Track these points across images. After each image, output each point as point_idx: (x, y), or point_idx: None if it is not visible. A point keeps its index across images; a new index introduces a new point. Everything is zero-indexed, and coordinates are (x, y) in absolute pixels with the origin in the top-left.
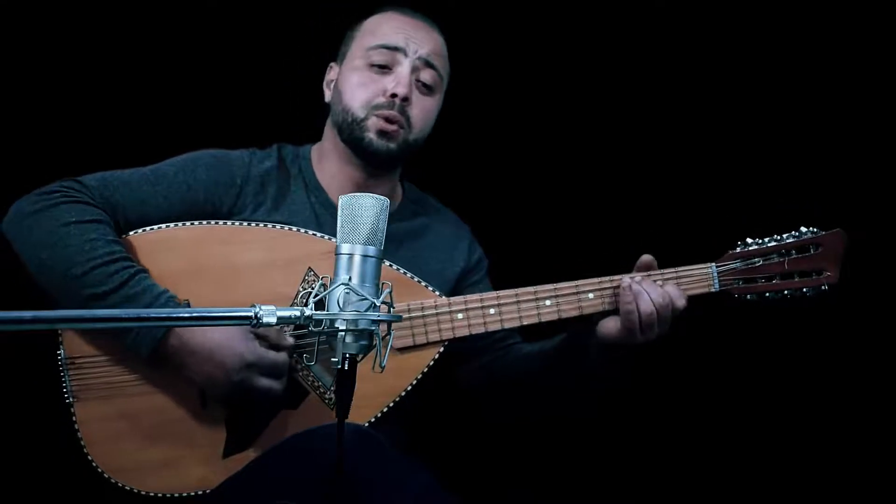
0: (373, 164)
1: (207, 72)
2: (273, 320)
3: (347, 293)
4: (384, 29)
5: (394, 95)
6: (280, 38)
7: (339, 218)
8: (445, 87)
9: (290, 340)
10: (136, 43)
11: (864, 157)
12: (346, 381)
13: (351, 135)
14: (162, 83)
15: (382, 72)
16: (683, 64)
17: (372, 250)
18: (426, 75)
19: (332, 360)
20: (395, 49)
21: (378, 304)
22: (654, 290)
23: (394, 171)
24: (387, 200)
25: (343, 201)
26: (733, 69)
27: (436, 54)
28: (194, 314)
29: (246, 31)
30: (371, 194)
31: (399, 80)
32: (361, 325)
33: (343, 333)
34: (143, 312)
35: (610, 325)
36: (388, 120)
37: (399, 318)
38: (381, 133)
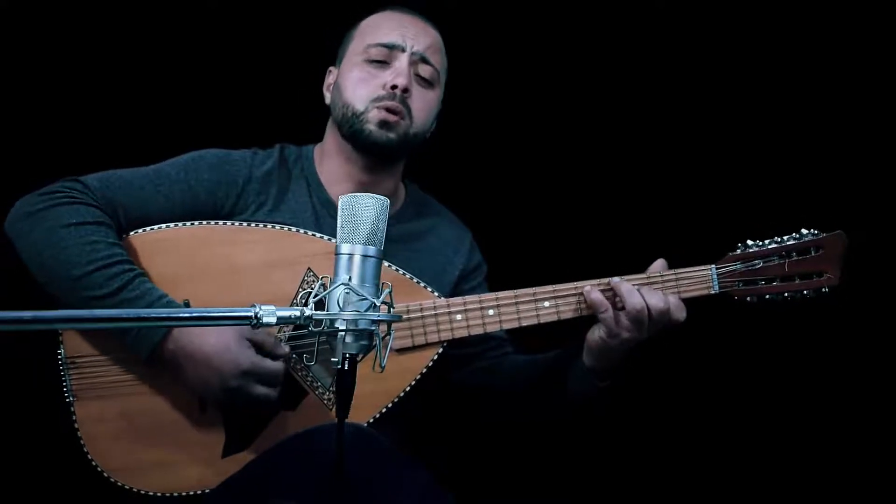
0: (373, 157)
1: (210, 71)
2: (273, 320)
3: (347, 293)
4: (382, 27)
5: (394, 87)
6: (283, 37)
7: (339, 218)
8: (444, 84)
9: (286, 349)
10: (139, 43)
11: (865, 159)
12: (346, 381)
13: (351, 128)
14: (164, 83)
15: (381, 66)
16: (684, 65)
17: (372, 250)
18: (424, 70)
19: (332, 360)
20: (393, 47)
21: (378, 304)
22: (651, 294)
23: (395, 168)
24: (387, 200)
25: (343, 201)
26: (734, 70)
27: (432, 50)
28: (194, 314)
29: (249, 31)
30: (371, 194)
31: (398, 72)
32: (361, 325)
33: (343, 333)
34: (144, 312)
35: (594, 332)
36: (388, 110)
37: (399, 318)
38: (382, 123)
